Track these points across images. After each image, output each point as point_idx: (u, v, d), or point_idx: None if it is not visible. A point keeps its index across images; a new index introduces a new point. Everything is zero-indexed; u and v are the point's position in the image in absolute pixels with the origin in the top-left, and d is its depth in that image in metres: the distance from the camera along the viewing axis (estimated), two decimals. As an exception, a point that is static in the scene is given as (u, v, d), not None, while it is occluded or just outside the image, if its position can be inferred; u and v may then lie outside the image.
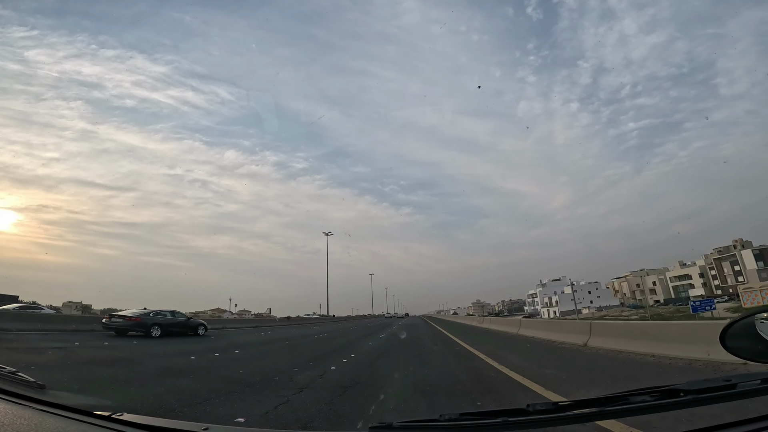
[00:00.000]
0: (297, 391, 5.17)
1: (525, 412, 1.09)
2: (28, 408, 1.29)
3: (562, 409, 1.09)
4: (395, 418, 1.17)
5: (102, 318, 16.94)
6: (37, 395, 1.40)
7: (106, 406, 1.37)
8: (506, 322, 22.11)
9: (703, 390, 1.05)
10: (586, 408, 1.09)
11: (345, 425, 3.79)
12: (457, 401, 4.74)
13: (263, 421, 3.81)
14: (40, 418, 1.23)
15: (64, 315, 25.94)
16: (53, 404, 1.34)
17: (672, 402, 1.06)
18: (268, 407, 4.28)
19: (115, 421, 1.24)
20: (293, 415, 4.01)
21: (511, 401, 4.72)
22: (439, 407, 4.34)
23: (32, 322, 15.85)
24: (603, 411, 1.08)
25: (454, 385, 5.76)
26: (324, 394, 5.09)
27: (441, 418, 1.12)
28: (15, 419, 1.19)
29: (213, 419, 3.71)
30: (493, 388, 5.63)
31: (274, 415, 4.00)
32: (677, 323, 10.03)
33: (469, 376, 6.73)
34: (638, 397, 1.07)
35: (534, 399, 4.68)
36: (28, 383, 1.48)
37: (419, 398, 4.94)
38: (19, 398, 1.35)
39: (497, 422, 1.07)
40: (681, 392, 1.05)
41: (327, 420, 3.84)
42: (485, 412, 1.12)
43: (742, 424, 1.00)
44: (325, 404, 4.47)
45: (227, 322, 34.68)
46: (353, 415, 4.09)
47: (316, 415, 4.03)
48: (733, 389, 1.04)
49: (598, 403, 1.10)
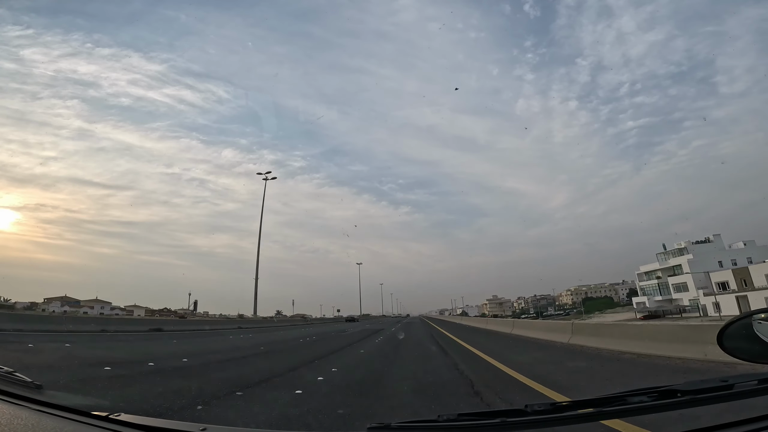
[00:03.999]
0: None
1: (523, 412, 1.09)
2: (25, 408, 1.29)
3: (560, 410, 1.09)
4: (394, 418, 1.17)
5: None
6: (35, 395, 1.39)
7: (103, 406, 1.36)
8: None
9: (701, 390, 1.06)
10: (584, 408, 1.09)
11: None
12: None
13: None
14: (38, 418, 1.23)
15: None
16: (50, 404, 1.33)
17: (670, 402, 1.06)
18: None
19: (113, 422, 1.24)
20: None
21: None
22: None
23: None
24: (601, 411, 1.08)
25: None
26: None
27: (439, 418, 1.12)
28: (12, 419, 1.19)
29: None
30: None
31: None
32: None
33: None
34: (636, 397, 1.07)
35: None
36: (25, 383, 1.47)
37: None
38: (16, 398, 1.35)
39: (496, 422, 1.07)
40: (678, 393, 1.06)
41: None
42: (484, 412, 1.12)
43: (739, 425, 1.01)
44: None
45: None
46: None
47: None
48: (731, 390, 1.05)
49: (596, 403, 1.10)
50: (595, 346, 9.24)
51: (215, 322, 31.97)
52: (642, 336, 8.32)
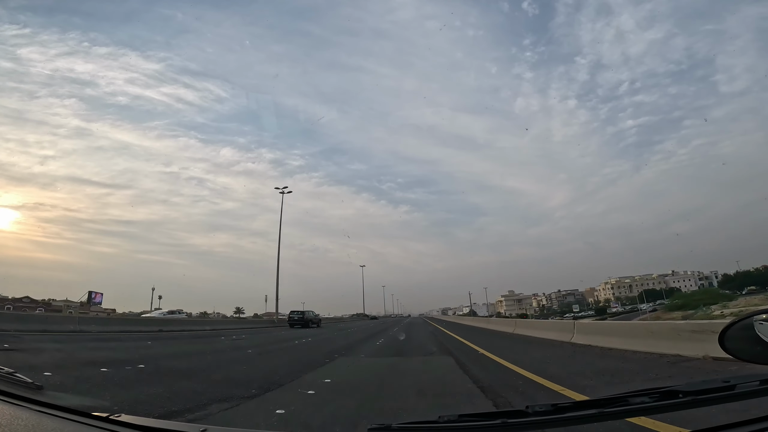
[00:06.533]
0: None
1: (524, 413, 1.08)
2: (26, 409, 1.29)
3: (561, 411, 1.09)
4: (394, 419, 1.17)
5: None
6: (35, 396, 1.39)
7: (103, 407, 1.36)
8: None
9: (702, 391, 1.05)
10: (585, 409, 1.09)
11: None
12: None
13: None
14: (38, 419, 1.23)
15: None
16: (51, 405, 1.33)
17: (671, 403, 1.06)
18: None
19: (113, 422, 1.24)
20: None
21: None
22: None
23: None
24: (602, 412, 1.08)
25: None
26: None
27: (440, 419, 1.12)
28: (12, 420, 1.19)
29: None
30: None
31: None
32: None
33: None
34: (637, 398, 1.07)
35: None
36: (26, 384, 1.47)
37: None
38: (16, 399, 1.35)
39: (496, 424, 1.07)
40: (680, 393, 1.05)
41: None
42: (484, 413, 1.12)
43: (741, 426, 1.01)
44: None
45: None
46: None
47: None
48: (732, 390, 1.04)
49: (597, 404, 1.10)
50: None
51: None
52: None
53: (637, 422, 2.86)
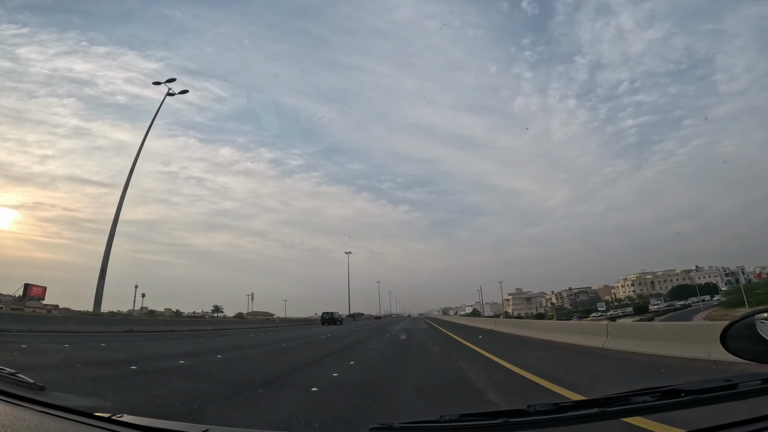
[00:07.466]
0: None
1: (526, 413, 1.08)
2: (28, 409, 1.29)
3: (562, 410, 1.09)
4: (396, 418, 1.17)
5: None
6: (37, 396, 1.40)
7: (105, 407, 1.37)
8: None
9: (704, 390, 1.05)
10: (587, 409, 1.09)
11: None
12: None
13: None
14: (40, 419, 1.23)
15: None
16: (53, 405, 1.34)
17: (673, 402, 1.05)
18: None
19: (115, 423, 1.24)
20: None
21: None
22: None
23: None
24: (603, 412, 1.08)
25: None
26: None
27: (441, 419, 1.12)
28: (15, 421, 1.19)
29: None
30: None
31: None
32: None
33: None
34: (639, 397, 1.07)
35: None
36: (28, 384, 1.47)
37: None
38: (19, 400, 1.35)
39: (498, 423, 1.07)
40: (682, 392, 1.05)
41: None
42: (486, 413, 1.12)
43: (743, 425, 1.00)
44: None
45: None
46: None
47: None
48: (734, 389, 1.04)
49: (599, 403, 1.10)
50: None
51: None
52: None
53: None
